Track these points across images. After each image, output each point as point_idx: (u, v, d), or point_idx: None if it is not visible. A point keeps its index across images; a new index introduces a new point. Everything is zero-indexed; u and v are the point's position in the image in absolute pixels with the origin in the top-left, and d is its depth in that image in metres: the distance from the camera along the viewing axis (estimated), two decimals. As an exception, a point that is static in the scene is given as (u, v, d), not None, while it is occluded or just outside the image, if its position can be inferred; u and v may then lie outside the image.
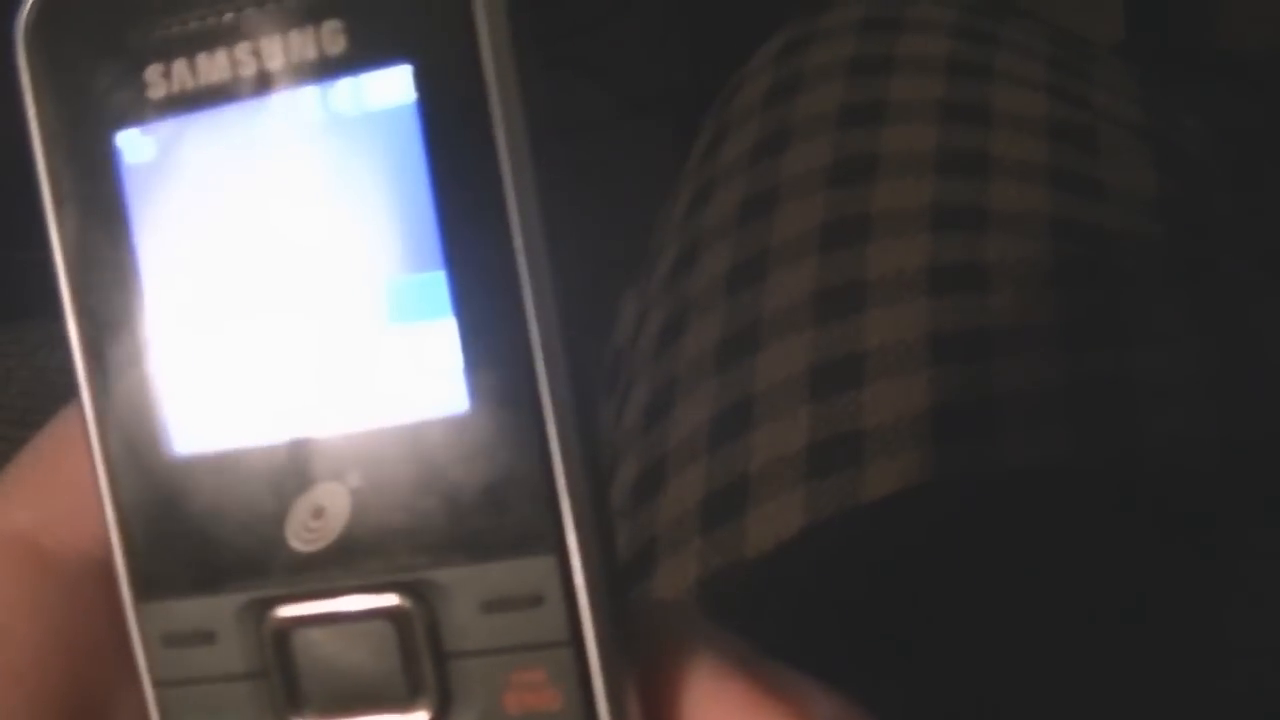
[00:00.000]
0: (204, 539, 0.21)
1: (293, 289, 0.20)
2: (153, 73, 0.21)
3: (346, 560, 0.20)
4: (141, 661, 0.21)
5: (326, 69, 0.20)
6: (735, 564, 0.45)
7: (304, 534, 0.20)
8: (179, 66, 0.21)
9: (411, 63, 0.20)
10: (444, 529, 0.20)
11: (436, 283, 0.20)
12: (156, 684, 0.21)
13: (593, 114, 1.13)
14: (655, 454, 0.50)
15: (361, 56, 0.20)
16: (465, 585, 0.20)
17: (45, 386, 0.57)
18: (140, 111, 0.21)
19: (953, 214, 0.50)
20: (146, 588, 0.21)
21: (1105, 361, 0.46)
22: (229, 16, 0.20)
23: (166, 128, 0.21)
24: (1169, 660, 0.40)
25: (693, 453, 0.48)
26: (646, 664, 0.20)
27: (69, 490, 0.22)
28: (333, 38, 0.20)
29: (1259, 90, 1.01)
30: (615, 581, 0.20)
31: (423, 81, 0.19)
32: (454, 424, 0.20)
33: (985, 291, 0.48)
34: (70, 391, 0.22)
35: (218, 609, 0.21)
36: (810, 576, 0.45)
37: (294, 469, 0.20)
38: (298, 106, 0.20)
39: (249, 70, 0.20)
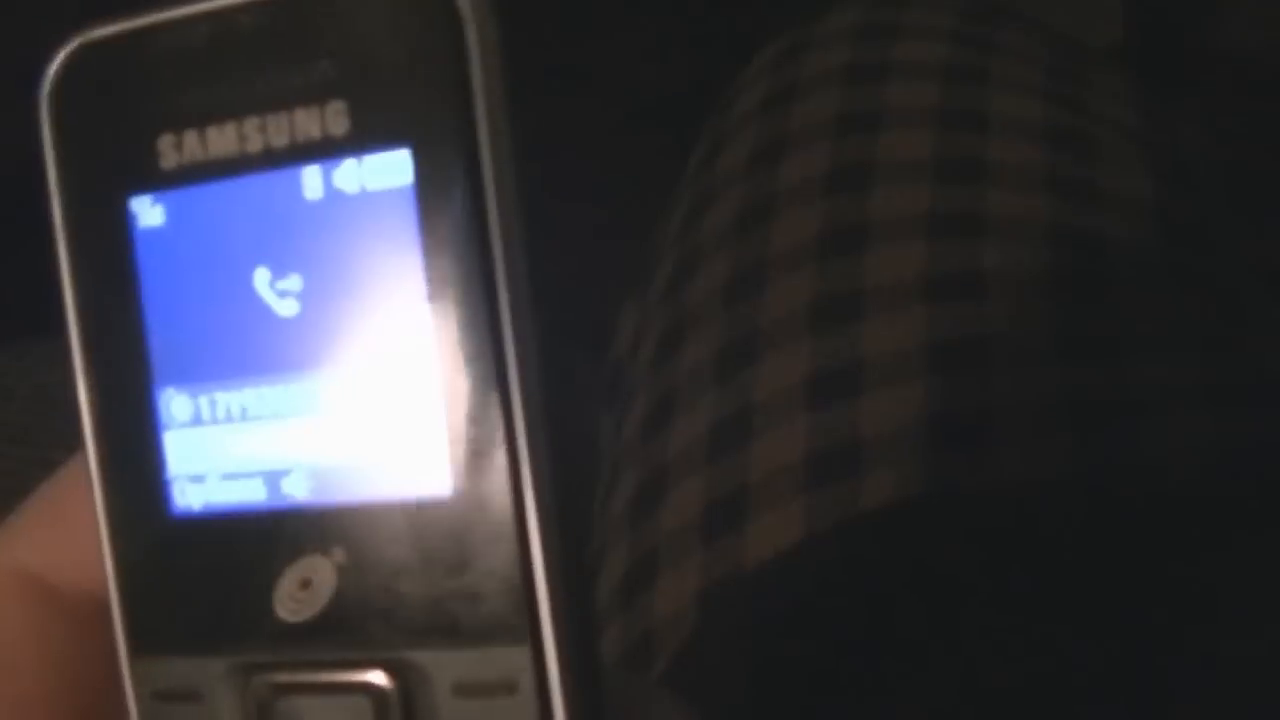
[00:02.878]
0: (196, 600, 0.21)
1: (290, 363, 0.21)
2: (165, 142, 0.21)
3: (330, 633, 0.21)
4: (134, 715, 0.22)
5: (328, 148, 0.20)
6: (735, 575, 0.45)
7: (290, 604, 0.21)
8: (190, 137, 0.21)
9: (410, 146, 0.20)
10: (424, 611, 0.20)
11: (426, 369, 0.20)
12: None
13: (590, 124, 1.13)
14: (654, 466, 0.50)
15: (363, 137, 0.20)
16: (441, 668, 0.20)
17: (46, 404, 0.57)
18: (152, 178, 0.21)
19: (950, 221, 0.50)
20: (140, 644, 0.22)
21: (1101, 370, 0.46)
22: (239, 91, 0.21)
23: (176, 196, 0.21)
24: (1169, 672, 0.40)
25: (692, 464, 0.48)
26: None
27: (78, 533, 0.22)
28: (336, 118, 0.20)
29: (1258, 93, 1.01)
30: (590, 673, 0.20)
31: (420, 165, 0.20)
32: (437, 508, 0.20)
33: (983, 299, 0.48)
34: (71, 408, 0.22)
35: (205, 670, 0.21)
36: (810, 587, 0.44)
37: (284, 539, 0.21)
38: (300, 183, 0.21)
39: (255, 145, 0.21)
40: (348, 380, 0.21)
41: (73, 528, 0.22)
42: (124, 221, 0.21)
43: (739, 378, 0.49)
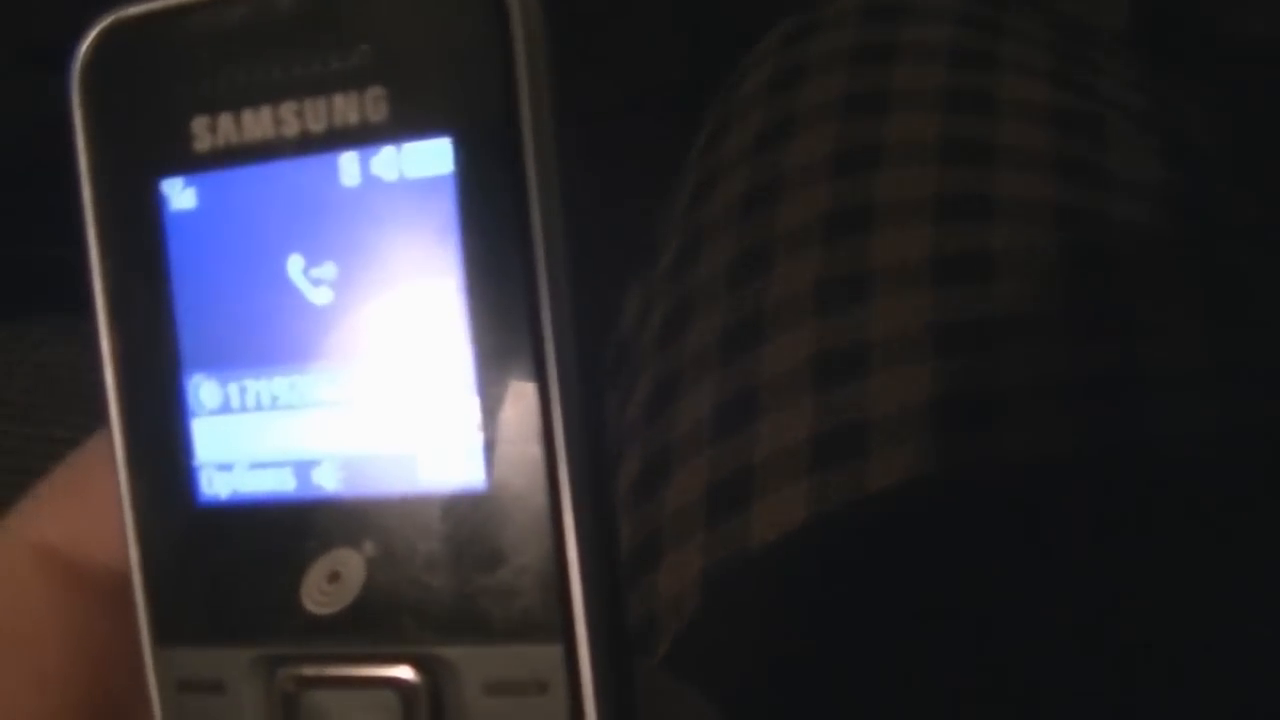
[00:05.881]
0: (222, 590, 0.21)
1: (321, 350, 0.21)
2: (199, 124, 0.21)
3: (358, 627, 0.20)
4: (156, 704, 0.22)
5: (367, 135, 0.20)
6: (739, 556, 0.45)
7: (318, 596, 0.21)
8: (225, 120, 0.21)
9: (451, 135, 0.20)
10: (455, 607, 0.20)
11: (461, 361, 0.20)
12: None
13: (595, 105, 1.13)
14: (659, 446, 0.50)
15: (402, 125, 0.20)
16: (472, 665, 0.20)
17: (48, 382, 0.57)
18: (185, 161, 0.21)
19: (957, 203, 0.50)
20: (163, 633, 0.22)
21: (1108, 351, 0.46)
22: (276, 75, 0.20)
23: (209, 179, 0.21)
24: (1176, 653, 0.40)
25: (696, 445, 0.48)
26: None
27: (100, 508, 0.22)
28: (375, 104, 0.20)
29: (1265, 76, 1.01)
30: (622, 673, 0.20)
31: (461, 155, 0.20)
32: (470, 502, 0.20)
33: (989, 281, 0.48)
34: (76, 389, 0.22)
35: (230, 661, 0.21)
36: (814, 568, 0.44)
37: (313, 531, 0.21)
38: (336, 169, 0.20)
39: (292, 130, 0.20)
40: (382, 370, 0.20)
41: (94, 503, 0.22)
42: (155, 204, 0.21)
43: (744, 358, 0.49)
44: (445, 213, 0.20)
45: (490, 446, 0.19)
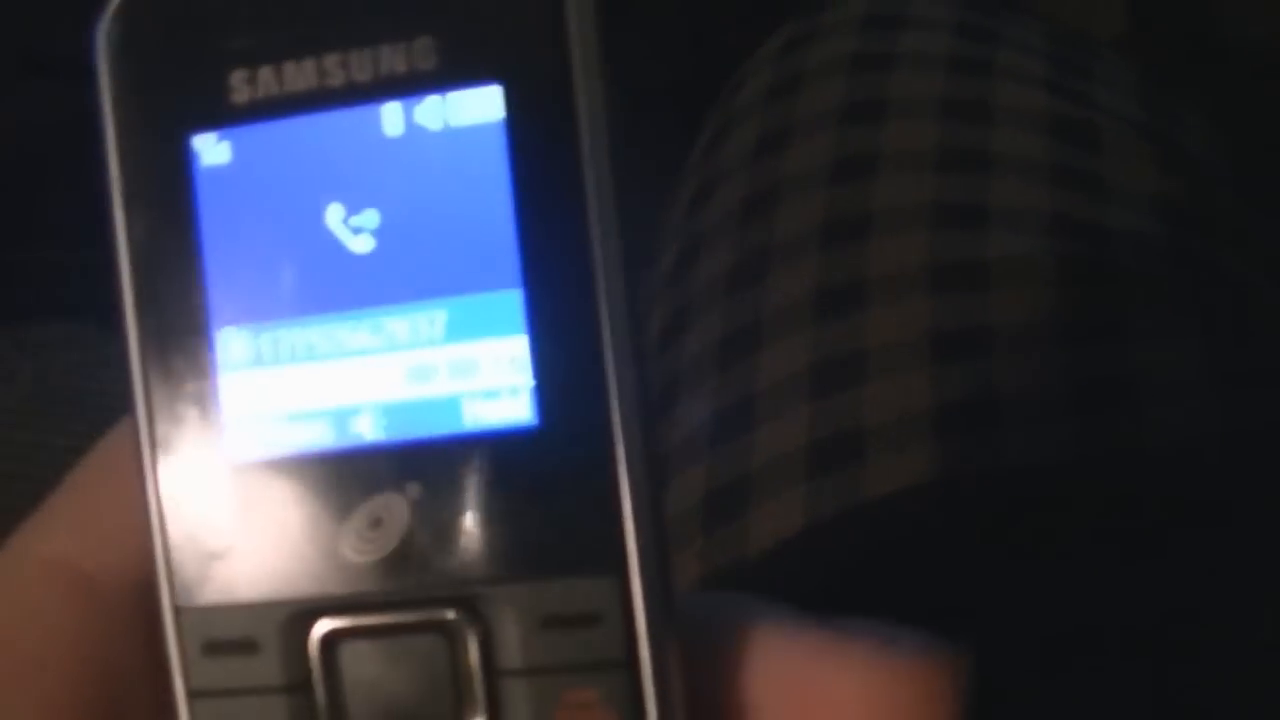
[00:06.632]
0: (253, 545, 0.20)
1: (364, 299, 0.20)
2: (237, 77, 0.21)
3: (402, 572, 0.20)
4: (177, 671, 0.21)
5: (415, 84, 0.20)
6: (737, 563, 0.45)
7: (359, 544, 0.20)
8: (265, 73, 0.20)
9: (501, 83, 0.20)
10: (503, 545, 0.20)
11: (511, 301, 0.20)
12: (191, 695, 0.21)
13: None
14: (657, 452, 0.50)
15: (451, 73, 0.20)
16: (522, 601, 0.20)
17: (46, 388, 0.57)
18: (221, 115, 0.21)
19: (954, 211, 0.50)
20: (189, 593, 0.21)
21: (1106, 359, 0.46)
22: (319, 26, 0.20)
23: (247, 133, 0.21)
24: (1175, 654, 0.40)
25: (694, 451, 0.48)
26: (704, 662, 0.20)
27: (111, 516, 0.22)
28: (424, 54, 0.20)
29: (1261, 83, 1.01)
30: (671, 603, 0.19)
31: (511, 102, 0.20)
32: (520, 440, 0.20)
33: (986, 289, 0.48)
34: (77, 395, 0.22)
35: (263, 617, 0.20)
36: (812, 575, 0.45)
37: (353, 480, 0.20)
38: (384, 120, 0.20)
39: (336, 81, 0.20)
40: (427, 314, 0.20)
41: (104, 511, 0.22)
42: (188, 157, 0.21)
43: (741, 365, 0.49)
44: (495, 159, 0.20)
45: (539, 387, 0.19)
